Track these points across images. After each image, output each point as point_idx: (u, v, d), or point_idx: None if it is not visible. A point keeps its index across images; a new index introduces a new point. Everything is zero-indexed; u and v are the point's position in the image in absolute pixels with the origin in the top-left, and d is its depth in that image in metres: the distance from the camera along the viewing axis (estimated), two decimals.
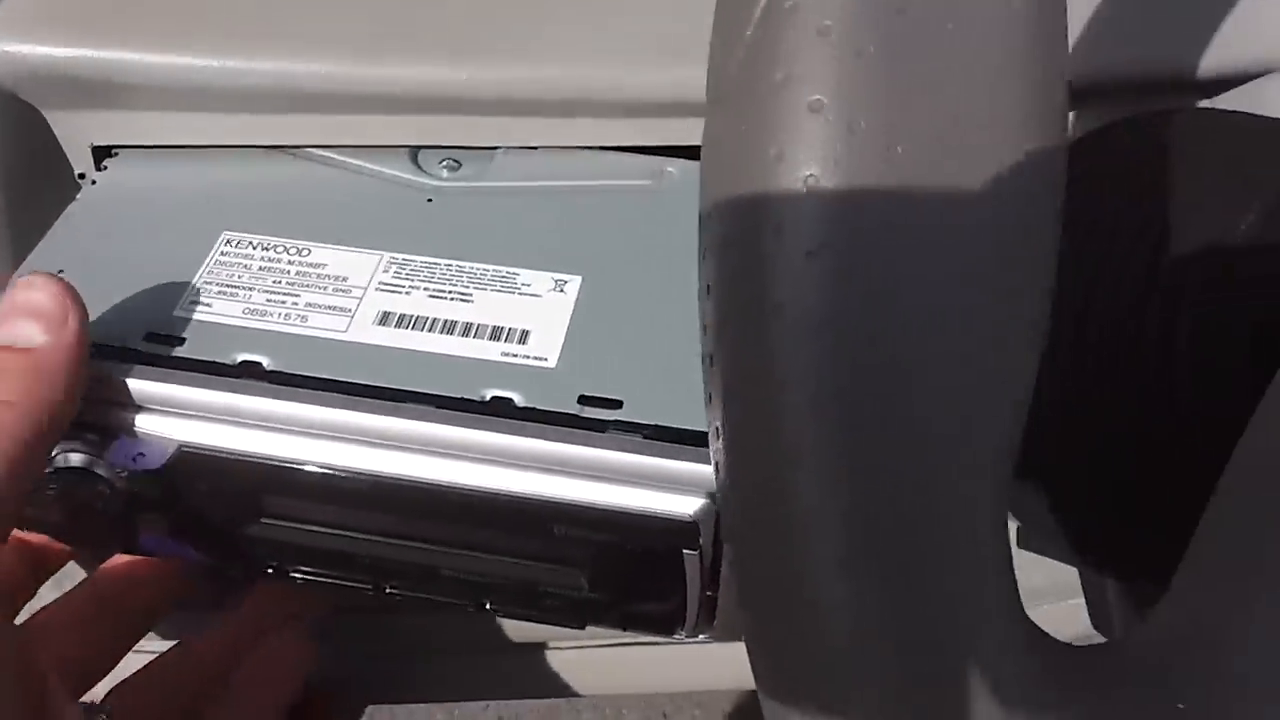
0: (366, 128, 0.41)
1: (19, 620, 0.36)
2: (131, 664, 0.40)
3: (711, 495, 0.32)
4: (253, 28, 0.40)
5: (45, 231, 0.39)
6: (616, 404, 0.34)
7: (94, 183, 0.40)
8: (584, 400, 0.34)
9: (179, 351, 0.35)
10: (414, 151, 0.42)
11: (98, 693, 0.38)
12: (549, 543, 0.33)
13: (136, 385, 0.33)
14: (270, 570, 0.37)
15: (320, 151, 0.42)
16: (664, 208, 0.40)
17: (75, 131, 0.41)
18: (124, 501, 0.34)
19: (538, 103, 0.40)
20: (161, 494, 0.34)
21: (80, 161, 0.41)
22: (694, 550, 0.32)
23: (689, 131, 0.40)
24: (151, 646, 0.41)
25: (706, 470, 0.31)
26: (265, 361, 0.35)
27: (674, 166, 0.41)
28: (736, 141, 0.23)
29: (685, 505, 0.32)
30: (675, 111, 0.40)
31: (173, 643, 0.42)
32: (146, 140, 0.41)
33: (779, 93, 0.22)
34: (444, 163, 0.42)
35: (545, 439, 0.32)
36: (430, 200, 0.40)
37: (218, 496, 0.35)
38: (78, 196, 0.40)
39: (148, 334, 0.35)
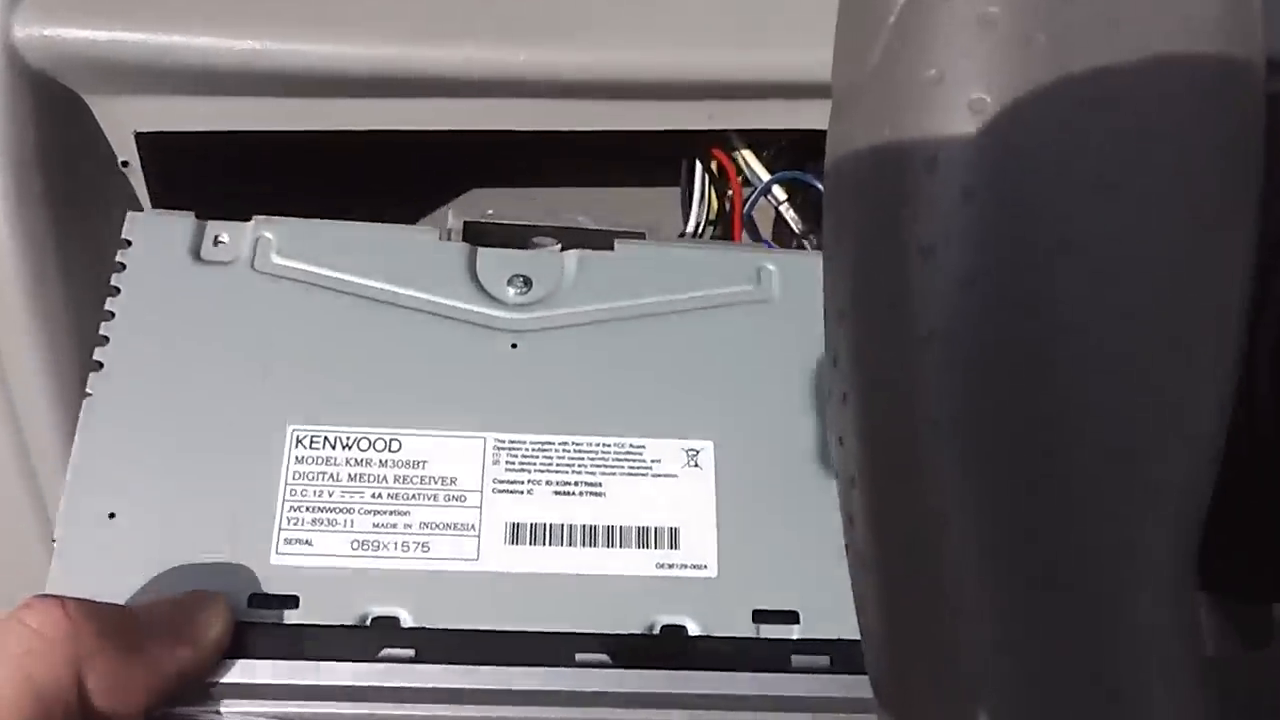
0: (413, 113, 0.39)
1: None
2: None
3: None
4: (297, 10, 0.38)
5: (87, 222, 0.37)
6: (793, 617, 0.32)
7: (88, 394, 0.33)
8: (759, 616, 0.32)
9: (299, 616, 0.31)
10: (471, 263, 0.36)
11: None
12: None
13: (268, 679, 0.29)
14: None
15: (369, 283, 0.35)
16: (774, 321, 0.36)
17: (117, 117, 0.39)
18: None
19: (591, 85, 0.38)
20: None
21: (123, 148, 0.39)
22: None
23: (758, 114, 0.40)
24: None
25: None
26: (402, 615, 0.31)
27: (771, 263, 0.37)
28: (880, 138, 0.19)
29: None
30: (742, 93, 0.39)
31: None
32: (188, 125, 0.39)
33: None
34: (511, 282, 0.36)
35: (733, 685, 0.31)
36: (515, 346, 0.35)
37: None
38: (83, 408, 0.32)
39: (252, 596, 0.31)
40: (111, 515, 0.31)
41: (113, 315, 0.34)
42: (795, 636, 0.32)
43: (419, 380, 0.34)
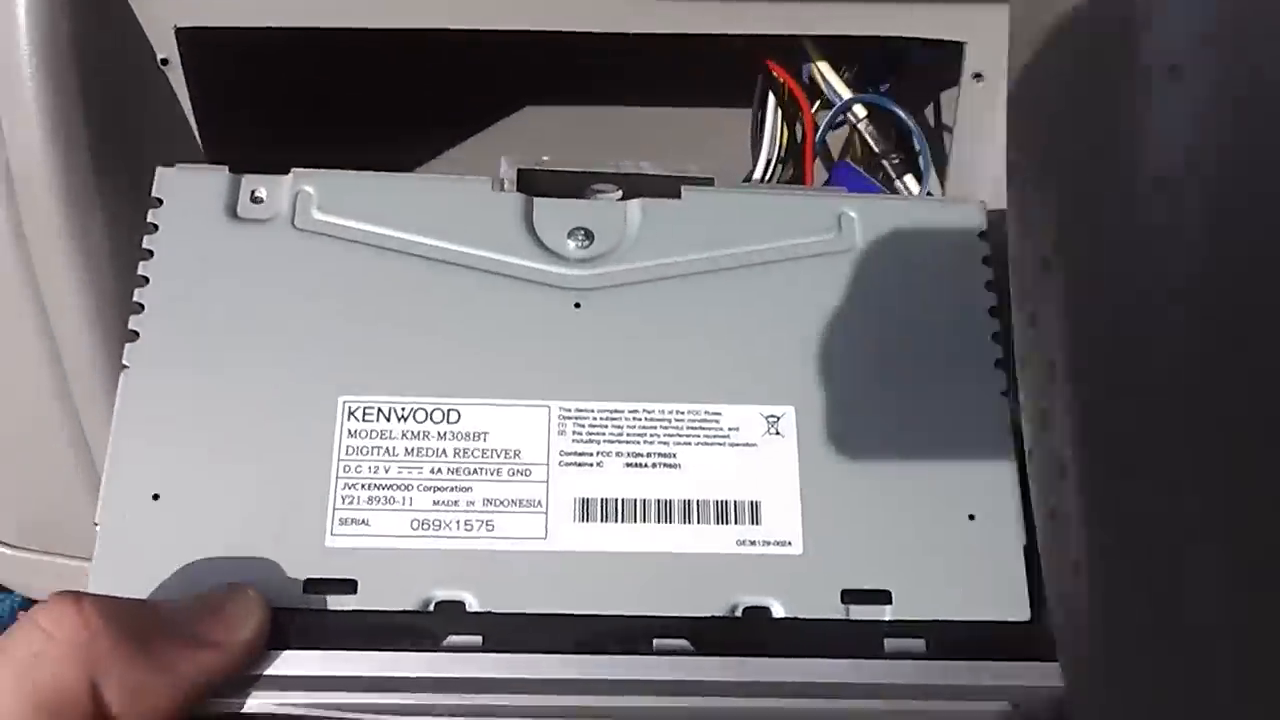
0: (471, 6, 0.36)
1: None
2: None
3: (1014, 703, 0.29)
4: None
5: (125, 125, 0.35)
6: (885, 597, 0.30)
7: (125, 367, 0.30)
8: (848, 596, 0.30)
9: (358, 601, 0.29)
10: (527, 215, 0.33)
11: None
12: None
13: (329, 670, 0.27)
14: None
15: (418, 239, 0.32)
16: (856, 275, 0.33)
17: (155, 10, 0.36)
18: None
19: None
20: None
21: (162, 44, 0.37)
22: None
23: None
24: None
25: (1001, 678, 0.29)
26: (468, 599, 0.29)
27: (851, 208, 0.34)
28: None
29: (984, 717, 0.29)
30: None
31: None
32: (232, 20, 0.36)
33: None
34: (572, 235, 0.33)
35: (823, 672, 0.28)
36: (579, 306, 0.32)
37: None
38: (121, 383, 0.30)
39: (308, 581, 0.29)
40: (155, 497, 0.29)
41: (146, 280, 0.31)
42: (888, 618, 0.30)
43: (476, 344, 0.31)
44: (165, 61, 0.37)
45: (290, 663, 0.27)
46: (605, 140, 0.46)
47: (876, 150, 0.41)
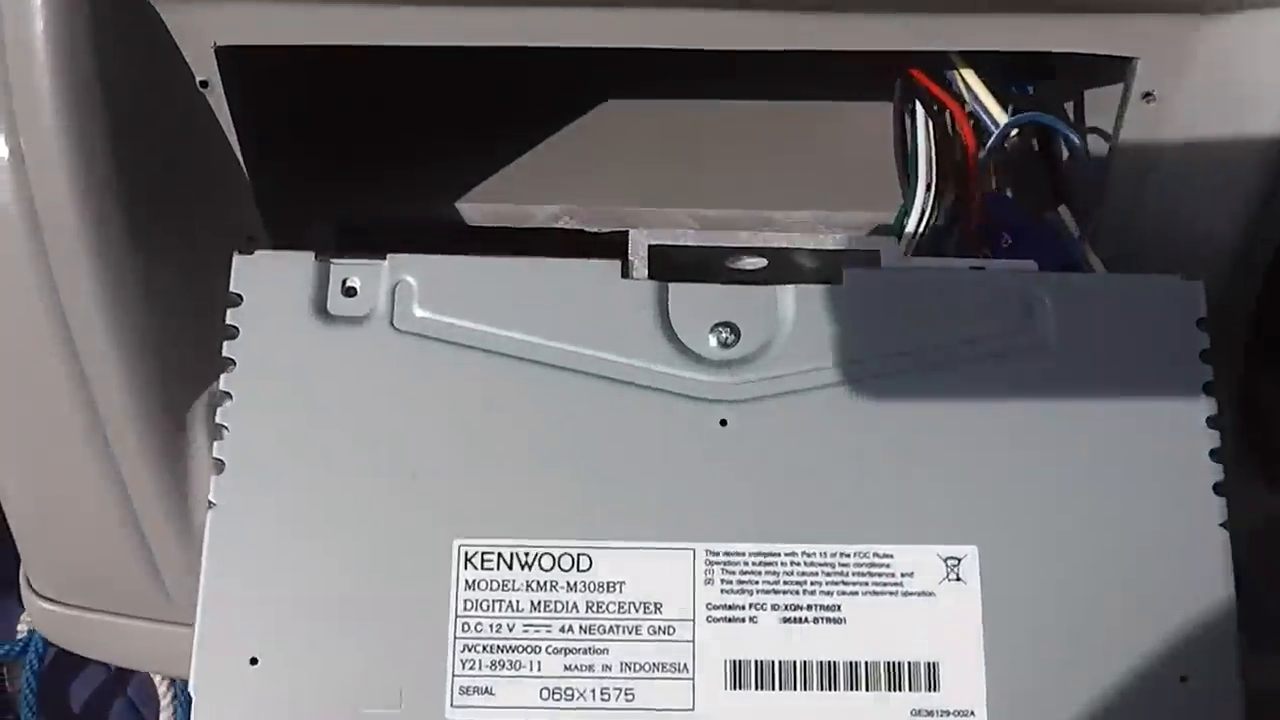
0: (540, 23, 0.31)
1: None
2: None
3: None
4: None
5: (157, 152, 0.32)
6: None
7: (212, 505, 0.27)
8: None
9: None
10: (662, 306, 0.28)
11: None
12: None
13: None
14: None
15: (539, 341, 0.28)
16: (1049, 379, 0.28)
17: (194, 30, 0.32)
18: None
19: None
20: None
21: (202, 67, 0.32)
22: None
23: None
24: None
25: None
26: None
27: (1044, 291, 0.28)
28: None
29: None
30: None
31: None
32: (277, 38, 0.31)
33: None
34: (715, 330, 0.28)
35: None
36: (725, 423, 0.27)
37: None
38: (209, 522, 0.26)
39: None
40: (254, 661, 0.26)
41: (229, 396, 0.27)
42: None
43: (608, 473, 0.27)
44: (205, 84, 0.32)
45: None
46: (702, 143, 0.40)
47: (1023, 173, 0.35)
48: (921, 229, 0.34)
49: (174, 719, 0.57)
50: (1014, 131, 0.34)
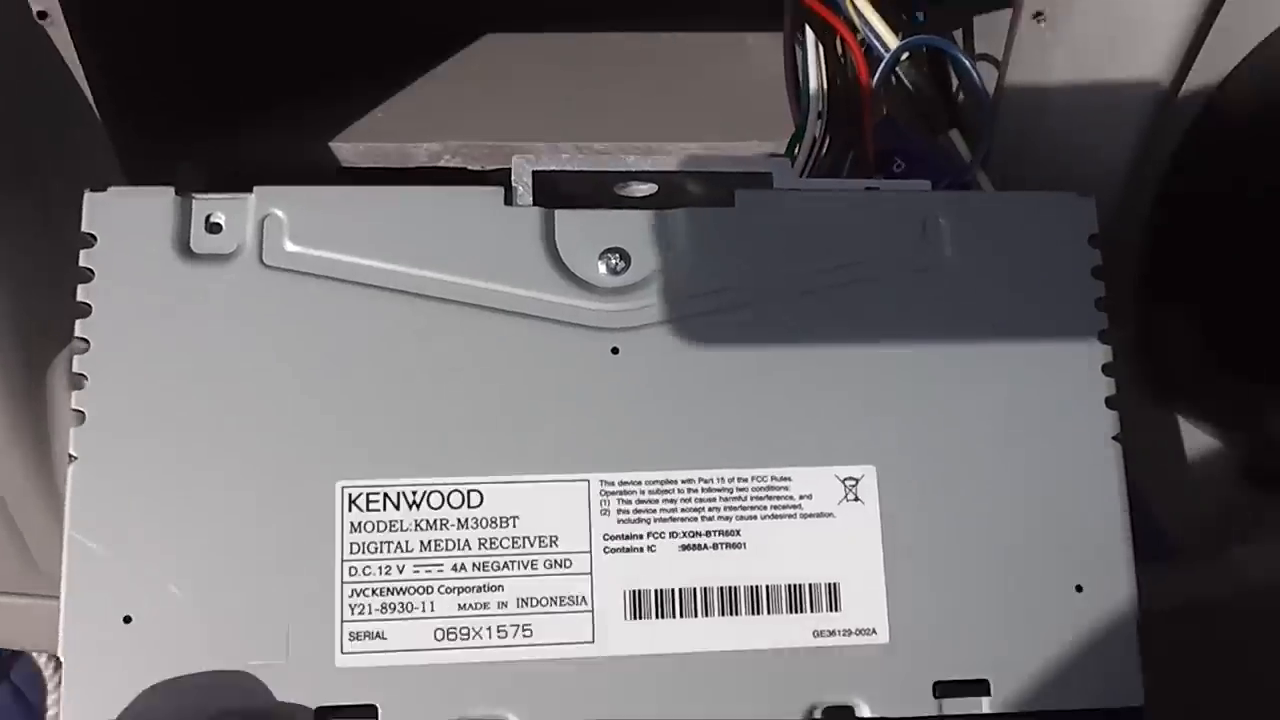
0: None
1: None
2: None
3: None
4: None
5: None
6: (982, 687, 0.26)
7: (73, 458, 0.25)
8: (941, 689, 0.26)
9: None
10: (548, 233, 0.27)
11: None
12: None
13: None
14: None
15: (418, 273, 0.26)
16: (944, 297, 0.28)
17: None
18: None
19: None
20: None
21: None
22: None
23: None
24: None
25: None
26: None
27: (939, 211, 0.28)
28: None
29: None
30: None
31: None
32: None
33: None
34: (604, 257, 0.27)
35: None
36: (616, 351, 0.27)
37: None
38: (70, 476, 0.25)
39: (319, 710, 0.24)
40: (127, 620, 0.24)
41: (87, 344, 0.25)
42: (986, 710, 0.26)
43: (496, 406, 0.26)
44: (44, 15, 0.30)
45: None
46: (588, 77, 0.39)
47: (913, 92, 0.35)
48: (814, 157, 0.34)
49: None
50: (905, 56, 0.34)
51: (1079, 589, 0.27)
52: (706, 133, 0.37)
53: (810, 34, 0.34)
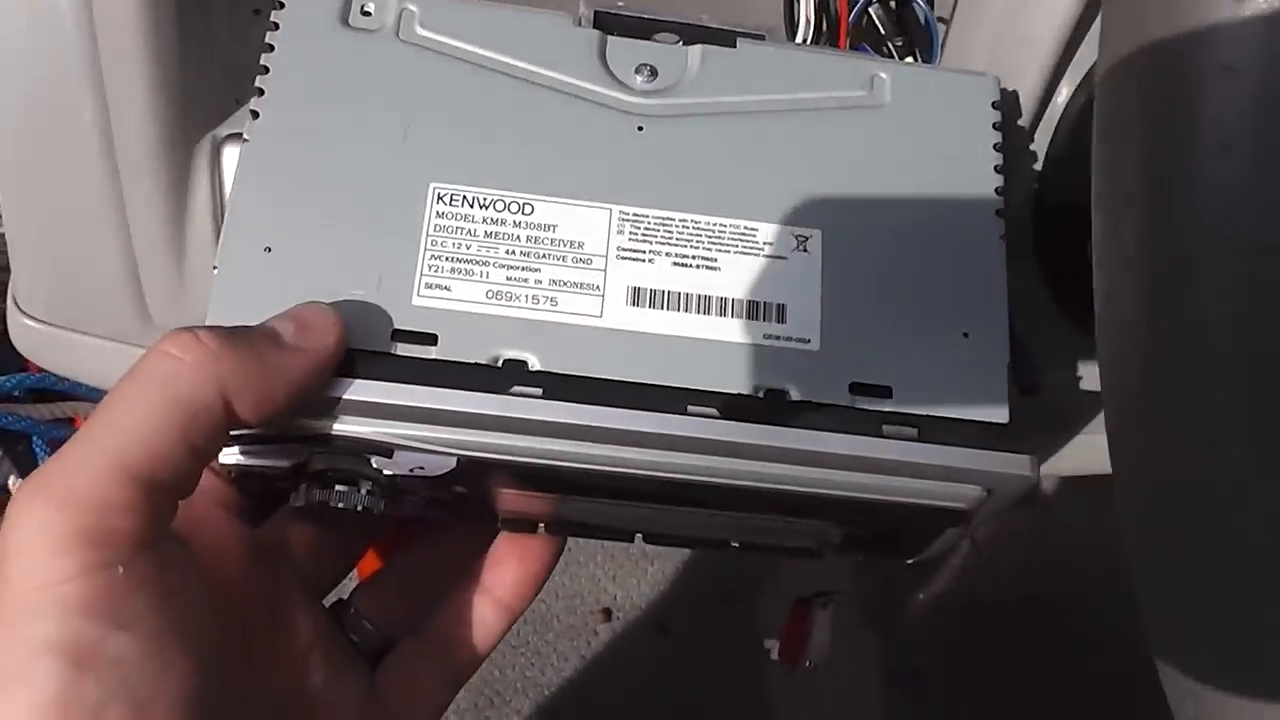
0: None
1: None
2: None
3: (987, 488, 0.34)
4: None
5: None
6: (886, 392, 0.35)
7: (245, 140, 0.35)
8: (855, 389, 0.35)
9: (438, 352, 0.33)
10: (601, 49, 0.38)
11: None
12: (816, 515, 0.36)
13: (410, 400, 0.32)
14: (520, 525, 0.38)
15: (508, 60, 0.37)
16: (883, 127, 0.38)
17: None
18: (390, 494, 0.34)
19: None
20: (431, 488, 0.34)
21: None
22: (959, 526, 0.35)
23: None
24: None
25: (980, 465, 0.33)
26: (531, 360, 0.34)
27: (883, 71, 0.39)
28: None
29: (962, 498, 0.34)
30: None
31: None
32: None
33: None
34: (639, 70, 0.37)
35: (827, 444, 0.33)
36: (641, 129, 0.37)
37: (487, 489, 0.35)
38: (241, 152, 0.35)
39: (394, 331, 0.33)
40: (268, 249, 0.34)
41: (267, 70, 0.36)
42: (887, 409, 0.35)
43: (552, 153, 0.36)
44: (257, 11, 0.40)
45: (376, 391, 0.32)
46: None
47: (882, 32, 0.46)
48: None
49: None
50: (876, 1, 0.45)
51: (965, 335, 0.36)
52: None
53: None
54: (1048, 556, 1.13)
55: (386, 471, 0.33)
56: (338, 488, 0.33)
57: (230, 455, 0.33)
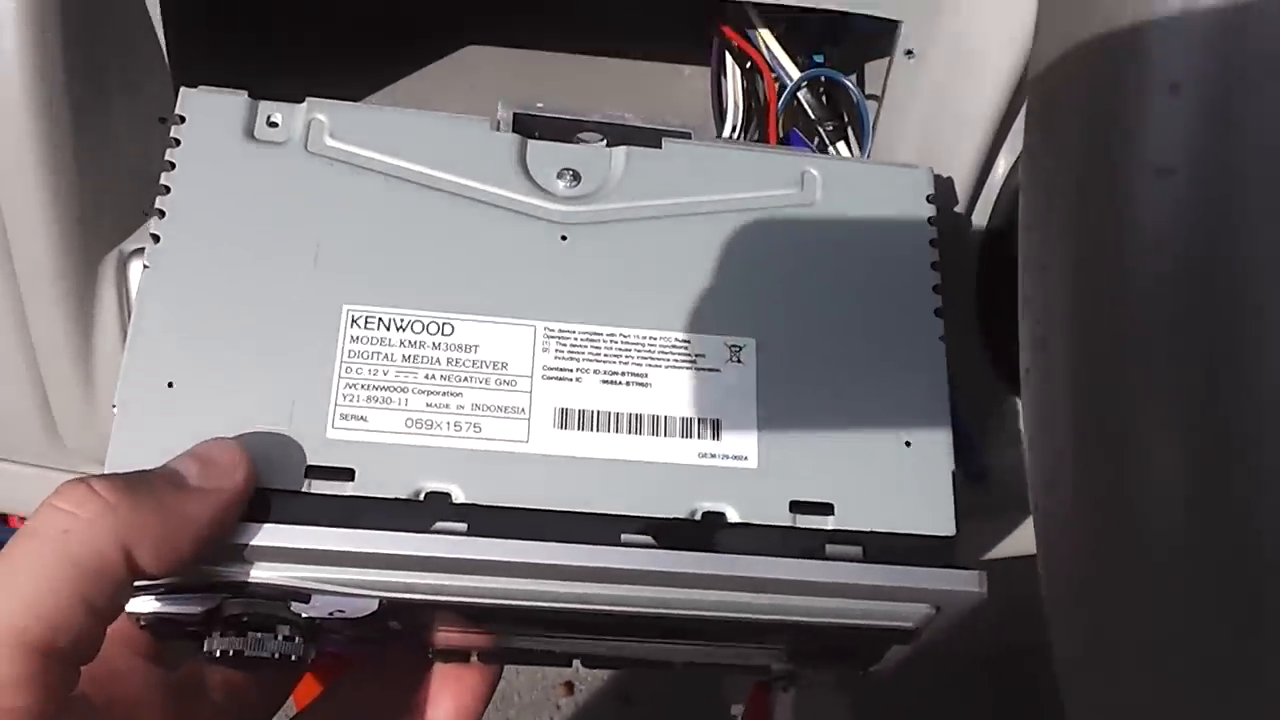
0: None
1: None
2: None
3: (935, 606, 0.33)
4: None
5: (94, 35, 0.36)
6: (828, 509, 0.33)
7: (146, 267, 0.33)
8: (795, 507, 0.33)
9: (355, 488, 0.31)
10: (521, 154, 0.36)
11: None
12: (760, 639, 0.34)
13: (325, 544, 0.30)
14: (453, 655, 0.36)
15: (422, 169, 0.35)
16: (816, 227, 0.37)
17: None
18: (311, 636, 0.32)
19: None
20: (355, 628, 0.32)
21: None
22: (906, 644, 0.34)
23: None
24: None
25: (927, 583, 0.32)
26: (455, 492, 0.32)
27: (814, 168, 0.37)
28: None
29: (909, 616, 0.33)
30: None
31: None
32: None
33: None
34: (561, 175, 0.36)
35: (770, 569, 0.32)
36: (565, 238, 0.35)
37: (416, 624, 0.33)
38: (141, 279, 0.33)
39: (308, 467, 0.32)
40: (170, 385, 0.32)
41: (168, 189, 0.34)
42: (830, 527, 0.33)
43: (471, 267, 0.34)
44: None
45: (288, 535, 0.30)
46: (549, 89, 0.49)
47: (813, 116, 0.45)
48: None
49: None
50: (805, 85, 0.44)
51: (908, 444, 0.34)
52: None
53: (731, 64, 0.45)
54: (1024, 609, 1.12)
55: (305, 614, 0.31)
56: (252, 635, 0.31)
57: (138, 604, 0.31)
